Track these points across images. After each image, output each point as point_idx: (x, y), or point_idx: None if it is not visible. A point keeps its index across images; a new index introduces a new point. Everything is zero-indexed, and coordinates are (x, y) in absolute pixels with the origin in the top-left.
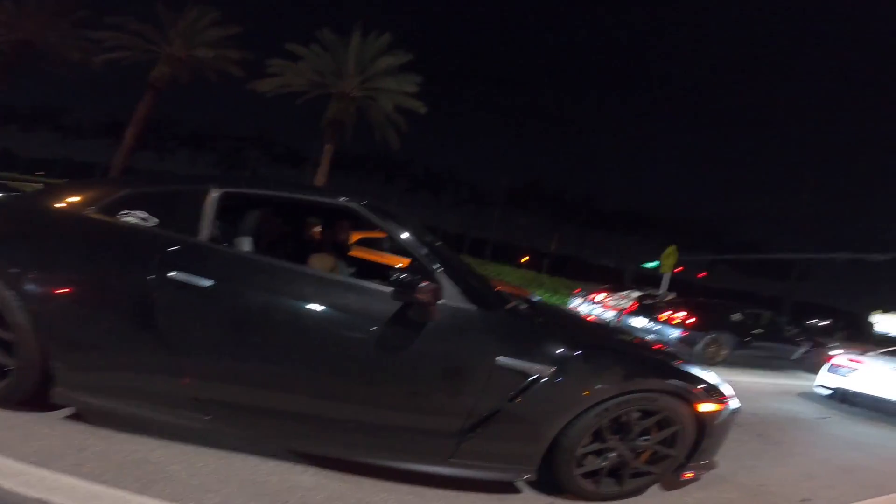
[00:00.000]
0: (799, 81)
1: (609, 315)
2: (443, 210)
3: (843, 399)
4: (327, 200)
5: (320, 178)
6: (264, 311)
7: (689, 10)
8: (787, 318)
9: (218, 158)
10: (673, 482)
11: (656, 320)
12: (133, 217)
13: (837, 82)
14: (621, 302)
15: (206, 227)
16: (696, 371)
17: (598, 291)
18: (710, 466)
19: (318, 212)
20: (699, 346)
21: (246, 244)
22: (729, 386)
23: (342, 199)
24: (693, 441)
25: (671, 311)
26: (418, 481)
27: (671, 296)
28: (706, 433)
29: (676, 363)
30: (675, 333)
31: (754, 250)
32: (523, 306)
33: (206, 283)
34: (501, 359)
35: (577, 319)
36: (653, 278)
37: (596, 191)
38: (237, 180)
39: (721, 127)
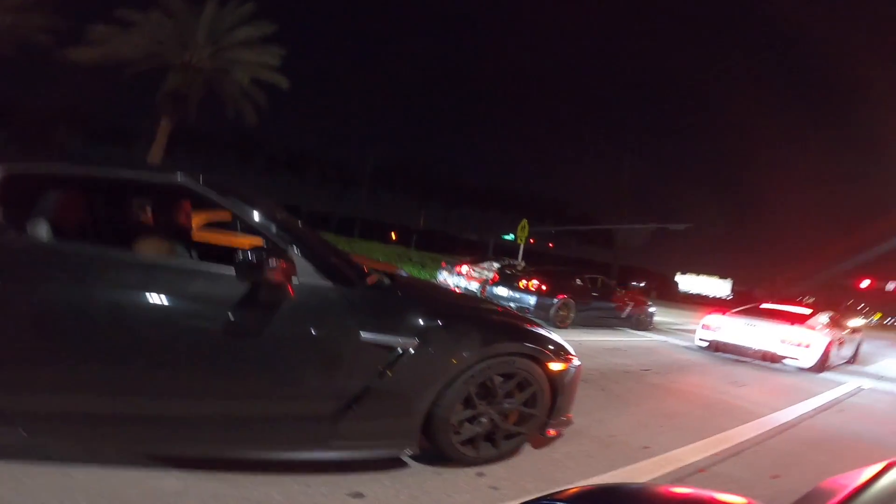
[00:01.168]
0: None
1: (474, 286)
2: (307, 190)
3: (716, 349)
4: (154, 178)
5: (155, 157)
6: (71, 307)
7: None
8: (615, 280)
9: (10, 136)
10: (541, 440)
11: (517, 289)
12: None
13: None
14: (483, 272)
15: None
16: (545, 332)
17: (462, 264)
18: (569, 422)
19: (146, 192)
20: (552, 311)
21: (41, 231)
22: (570, 345)
23: (173, 175)
24: (550, 399)
25: (527, 280)
26: (302, 469)
27: (523, 265)
28: (559, 391)
29: (528, 326)
30: (532, 300)
31: (589, 221)
32: (385, 281)
33: None
34: (365, 334)
35: (438, 291)
36: (513, 249)
37: (458, 169)
38: (26, 160)
39: (566, 114)
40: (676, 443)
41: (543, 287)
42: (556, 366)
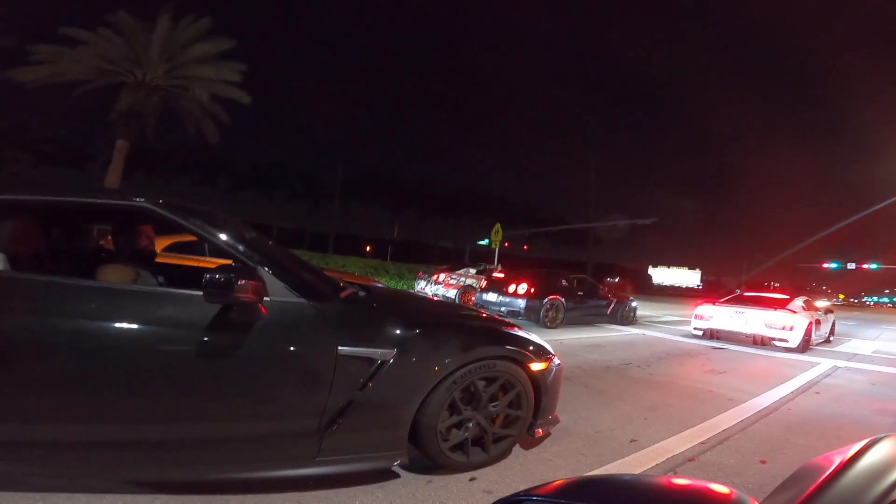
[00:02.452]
0: (583, 80)
1: (451, 293)
2: (276, 207)
3: (711, 336)
4: (114, 202)
5: (112, 179)
6: (34, 337)
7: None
8: (614, 280)
9: None
10: (530, 442)
11: (506, 294)
12: None
13: (613, 79)
14: (460, 279)
15: None
16: (524, 334)
17: (439, 272)
18: (555, 421)
19: (105, 217)
20: (542, 312)
21: None
22: (549, 345)
23: (133, 199)
24: (534, 400)
25: (516, 285)
26: (293, 487)
27: (498, 268)
28: (542, 391)
29: (506, 329)
30: (522, 303)
31: (561, 222)
32: (360, 293)
33: None
34: (343, 348)
35: (414, 300)
36: (489, 254)
37: (430, 177)
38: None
39: (533, 117)
40: (663, 434)
41: (532, 290)
42: (537, 366)
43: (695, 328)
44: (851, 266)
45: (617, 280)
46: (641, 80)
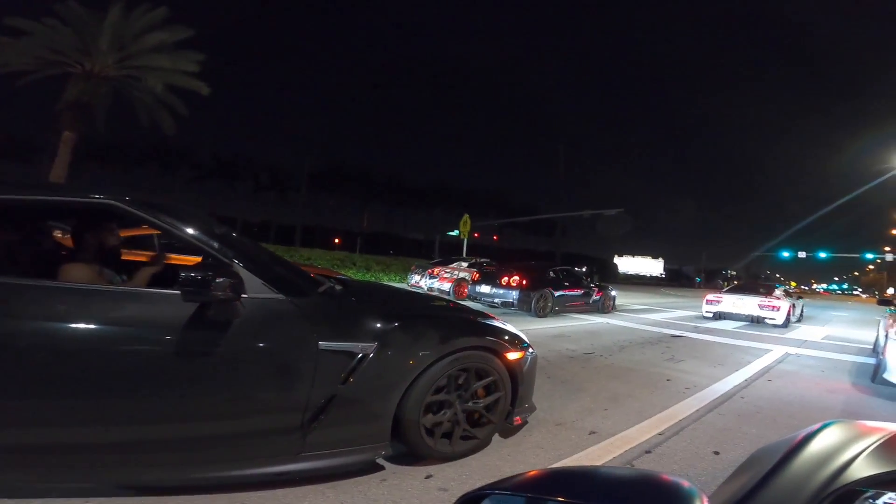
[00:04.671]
0: (552, 73)
1: (446, 286)
2: (241, 199)
3: (719, 317)
4: (77, 200)
5: (57, 173)
6: (2, 341)
7: None
8: (582, 269)
9: None
10: (508, 430)
11: (499, 286)
12: None
13: (580, 71)
14: (454, 273)
15: None
16: (501, 324)
17: (436, 267)
18: (532, 409)
19: (69, 215)
20: (533, 303)
21: None
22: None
23: (97, 197)
24: (511, 388)
25: (509, 277)
26: (235, 488)
27: (472, 259)
28: (518, 380)
29: (482, 320)
30: (514, 294)
31: (531, 213)
32: (337, 287)
33: None
34: (323, 343)
35: (391, 292)
36: (459, 245)
37: (399, 168)
38: None
39: (502, 109)
40: (621, 425)
41: (524, 282)
42: (513, 355)
43: (706, 311)
44: (802, 255)
45: (584, 269)
46: (612, 72)
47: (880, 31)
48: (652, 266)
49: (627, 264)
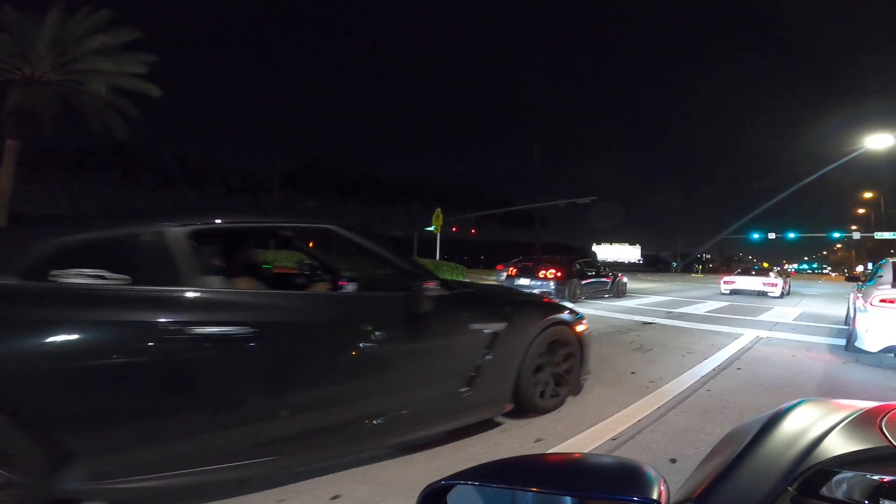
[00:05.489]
0: (525, 66)
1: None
2: (212, 202)
3: (734, 292)
4: (304, 225)
5: (2, 183)
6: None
7: None
8: (599, 261)
9: None
10: (576, 389)
11: (536, 278)
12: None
13: (553, 65)
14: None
15: (191, 273)
16: (568, 305)
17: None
18: (588, 372)
19: (291, 237)
20: (568, 290)
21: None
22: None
23: (318, 221)
24: (580, 354)
25: (545, 270)
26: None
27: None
28: (584, 347)
29: (558, 303)
30: (552, 285)
31: (508, 204)
32: (472, 287)
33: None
34: (472, 325)
35: (491, 287)
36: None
37: (375, 166)
38: (207, 212)
39: (477, 102)
40: (573, 429)
41: (559, 274)
42: (580, 328)
43: (723, 289)
44: (772, 236)
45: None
46: (584, 65)
47: (848, 14)
48: (630, 252)
49: (606, 252)
